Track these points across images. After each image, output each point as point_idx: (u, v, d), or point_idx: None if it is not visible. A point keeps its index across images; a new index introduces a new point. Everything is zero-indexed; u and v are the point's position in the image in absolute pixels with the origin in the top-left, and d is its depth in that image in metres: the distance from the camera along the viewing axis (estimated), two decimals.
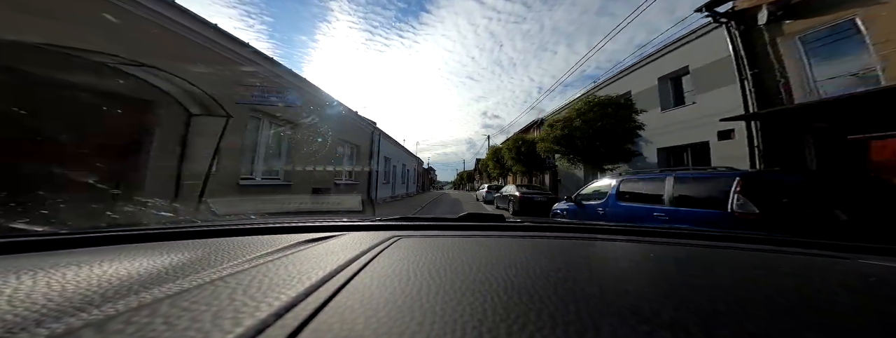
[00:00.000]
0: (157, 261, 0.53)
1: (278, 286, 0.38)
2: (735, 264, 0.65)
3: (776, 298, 0.42)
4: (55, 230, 0.77)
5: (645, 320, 0.32)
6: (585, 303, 0.37)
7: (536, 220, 1.34)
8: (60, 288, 0.39)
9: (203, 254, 0.59)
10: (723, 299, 0.40)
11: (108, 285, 0.41)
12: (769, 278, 0.55)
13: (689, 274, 0.56)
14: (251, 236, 0.81)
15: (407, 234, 0.85)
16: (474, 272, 0.48)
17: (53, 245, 0.66)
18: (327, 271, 0.46)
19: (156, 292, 0.37)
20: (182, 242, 0.72)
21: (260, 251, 0.62)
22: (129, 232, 0.80)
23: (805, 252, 0.77)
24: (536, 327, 0.30)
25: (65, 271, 0.45)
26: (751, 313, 0.36)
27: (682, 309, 0.36)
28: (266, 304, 0.32)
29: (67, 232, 0.75)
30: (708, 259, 0.68)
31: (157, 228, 0.86)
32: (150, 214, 3.30)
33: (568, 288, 0.42)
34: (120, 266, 0.49)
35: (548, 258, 0.60)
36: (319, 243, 0.71)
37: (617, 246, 0.78)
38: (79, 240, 0.71)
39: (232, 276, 0.42)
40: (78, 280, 0.42)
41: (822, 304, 0.42)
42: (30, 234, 0.72)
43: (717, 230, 1.08)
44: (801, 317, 0.36)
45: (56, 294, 0.37)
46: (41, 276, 0.43)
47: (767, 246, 0.85)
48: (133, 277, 0.44)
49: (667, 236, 0.96)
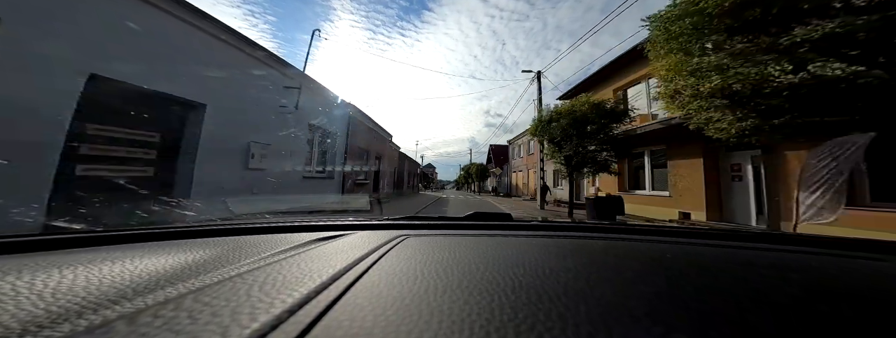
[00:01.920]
0: (182, 257, 0.57)
1: (291, 284, 0.40)
2: (758, 265, 0.63)
3: (802, 300, 0.41)
4: (92, 228, 0.82)
5: (660, 322, 0.31)
6: (597, 304, 0.36)
7: (545, 219, 1.33)
8: (97, 282, 0.42)
9: (223, 251, 0.62)
10: (747, 303, 0.38)
11: (138, 279, 0.44)
12: (793, 280, 0.53)
13: (709, 276, 0.54)
14: (266, 235, 0.84)
15: (414, 233, 0.86)
16: (482, 272, 0.48)
17: (92, 242, 0.72)
18: (337, 269, 0.47)
19: (180, 287, 0.40)
20: (204, 240, 0.76)
21: (274, 249, 0.64)
22: (158, 230, 0.85)
23: (829, 253, 0.73)
24: (545, 327, 0.30)
25: (101, 267, 0.49)
26: (775, 317, 0.34)
27: (702, 312, 0.34)
28: (280, 300, 0.33)
29: (103, 230, 0.81)
30: (729, 260, 0.66)
31: (183, 227, 0.91)
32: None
33: (579, 289, 0.41)
34: (148, 262, 0.53)
35: (558, 258, 0.59)
36: (329, 242, 0.73)
37: (632, 246, 0.76)
38: (113, 237, 0.76)
39: (249, 273, 0.45)
40: (112, 275, 0.45)
41: (854, 308, 0.40)
42: (72, 231, 0.78)
43: (740, 230, 1.02)
44: (829, 321, 0.35)
45: (94, 288, 0.40)
46: (81, 270, 0.47)
47: (789, 246, 0.81)
48: (160, 272, 0.48)
49: (685, 236, 0.93)
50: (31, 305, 0.34)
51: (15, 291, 0.38)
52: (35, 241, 0.67)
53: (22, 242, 0.65)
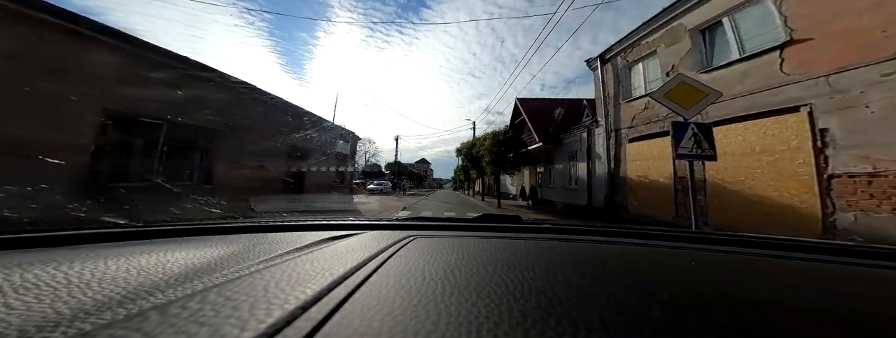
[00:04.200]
0: (207, 253, 0.61)
1: (305, 281, 0.41)
2: (787, 274, 0.60)
3: (829, 311, 0.39)
4: (132, 223, 0.90)
5: (684, 330, 0.30)
6: (613, 311, 0.34)
7: (557, 221, 1.31)
8: (136, 273, 0.47)
9: (243, 248, 0.66)
10: (779, 314, 0.37)
11: (170, 272, 0.48)
12: (823, 290, 0.51)
13: (735, 285, 0.51)
14: (282, 233, 0.88)
15: (423, 233, 0.86)
16: (490, 274, 0.48)
17: (131, 236, 0.78)
18: (347, 267, 0.48)
19: (206, 280, 0.44)
20: (226, 237, 0.81)
21: (289, 247, 0.68)
22: (188, 226, 0.91)
23: (860, 262, 0.68)
24: (556, 333, 0.29)
25: (139, 259, 0.54)
26: (800, 328, 0.33)
27: (731, 325, 0.33)
28: (294, 297, 0.35)
29: (142, 225, 0.88)
30: (756, 268, 0.63)
31: (210, 223, 0.98)
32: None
33: (593, 294, 0.40)
34: (179, 256, 0.58)
35: (570, 262, 0.58)
36: (340, 241, 0.75)
37: (652, 251, 0.73)
38: (150, 232, 0.82)
39: (267, 269, 0.47)
40: (148, 268, 0.50)
41: (876, 318, 0.39)
42: (116, 226, 0.86)
43: (766, 237, 0.95)
44: (854, 331, 0.34)
45: (133, 279, 0.44)
46: (122, 262, 0.52)
47: (817, 255, 0.76)
48: (188, 266, 0.52)
49: (710, 243, 0.88)
50: (80, 293, 0.39)
51: (67, 279, 0.43)
52: (85, 235, 0.74)
53: (73, 235, 0.73)
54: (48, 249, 0.63)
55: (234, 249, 0.65)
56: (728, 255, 0.72)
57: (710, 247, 0.80)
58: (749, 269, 0.62)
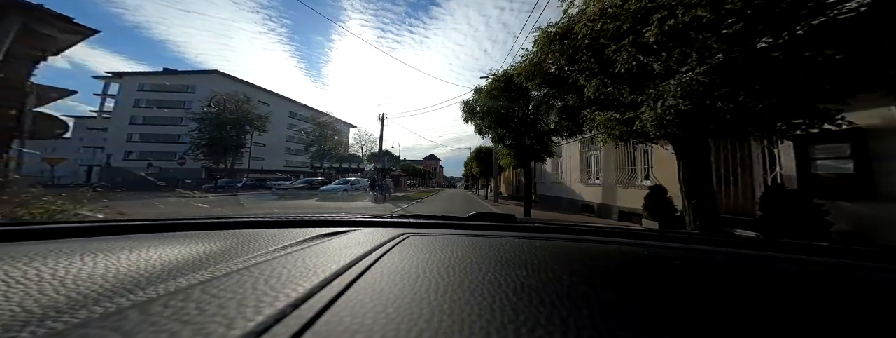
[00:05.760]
0: (193, 248, 0.59)
1: (296, 278, 0.40)
2: (774, 274, 0.61)
3: (818, 310, 0.40)
4: (114, 218, 0.87)
5: (666, 329, 0.31)
6: (601, 309, 0.35)
7: (551, 221, 1.32)
8: (115, 270, 0.45)
9: (232, 244, 0.64)
10: (761, 311, 0.37)
11: (151, 269, 0.46)
12: (808, 289, 0.51)
13: (721, 283, 0.52)
14: (273, 229, 0.86)
15: (418, 231, 0.86)
16: (484, 272, 0.48)
17: (112, 231, 0.75)
18: (340, 265, 0.48)
19: (190, 277, 0.42)
20: (214, 232, 0.78)
21: (279, 243, 0.66)
22: (172, 221, 0.88)
23: (847, 263, 0.69)
24: (546, 330, 0.29)
25: (119, 255, 0.52)
26: (783, 328, 0.33)
27: (712, 320, 0.34)
28: (284, 294, 0.34)
29: (124, 220, 0.85)
30: (741, 268, 0.64)
31: (195, 218, 0.94)
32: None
33: (582, 292, 0.41)
34: (162, 251, 0.55)
35: (562, 261, 0.58)
36: (333, 238, 0.74)
37: (639, 250, 0.74)
38: (131, 227, 0.79)
39: (256, 266, 0.46)
40: (128, 264, 0.48)
41: (862, 318, 0.39)
42: (95, 220, 0.82)
43: (754, 238, 0.97)
44: (844, 330, 0.34)
45: (111, 276, 0.42)
46: (100, 258, 0.49)
47: (800, 255, 0.77)
48: (172, 262, 0.50)
49: (697, 243, 0.90)
50: (53, 290, 0.36)
51: (39, 276, 0.40)
52: (63, 228, 0.71)
53: (50, 229, 0.69)
54: (20, 242, 0.60)
55: (221, 245, 0.63)
56: (714, 254, 0.74)
57: (695, 246, 0.82)
58: (734, 268, 0.64)
